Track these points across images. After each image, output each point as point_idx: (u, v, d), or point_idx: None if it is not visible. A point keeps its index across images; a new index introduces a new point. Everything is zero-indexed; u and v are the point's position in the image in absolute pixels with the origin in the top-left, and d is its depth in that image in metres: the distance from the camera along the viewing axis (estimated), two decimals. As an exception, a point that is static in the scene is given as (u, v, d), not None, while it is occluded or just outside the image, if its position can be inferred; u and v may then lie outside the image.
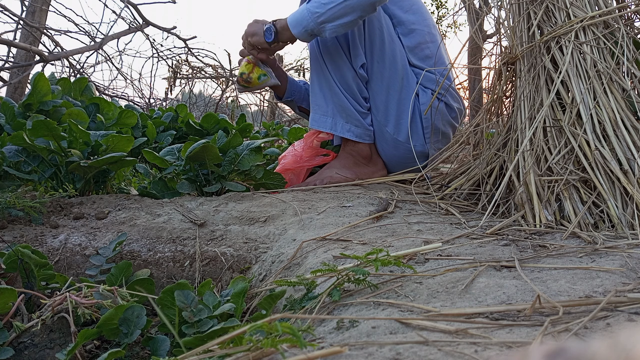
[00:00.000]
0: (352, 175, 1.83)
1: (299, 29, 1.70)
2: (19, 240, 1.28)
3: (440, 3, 11.67)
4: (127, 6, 4.83)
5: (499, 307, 0.67)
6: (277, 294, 0.85)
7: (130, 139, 1.64)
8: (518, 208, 1.27)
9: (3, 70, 4.10)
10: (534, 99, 1.40)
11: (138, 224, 1.36)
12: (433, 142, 1.86)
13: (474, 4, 1.78)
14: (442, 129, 1.87)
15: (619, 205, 1.15)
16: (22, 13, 4.30)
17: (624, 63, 1.32)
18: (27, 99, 2.01)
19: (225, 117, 2.96)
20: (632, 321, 0.61)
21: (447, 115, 1.87)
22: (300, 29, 1.70)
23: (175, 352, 0.81)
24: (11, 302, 0.89)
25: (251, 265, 1.22)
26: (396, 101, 1.83)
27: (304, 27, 1.69)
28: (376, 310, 0.72)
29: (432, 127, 1.84)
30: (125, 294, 0.93)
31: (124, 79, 5.54)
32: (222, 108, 6.82)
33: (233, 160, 1.65)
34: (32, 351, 0.87)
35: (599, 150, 1.23)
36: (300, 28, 1.70)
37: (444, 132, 1.88)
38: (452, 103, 1.88)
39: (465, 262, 0.90)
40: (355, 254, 0.86)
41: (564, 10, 1.44)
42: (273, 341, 0.56)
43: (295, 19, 1.71)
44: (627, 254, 0.90)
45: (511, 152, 1.41)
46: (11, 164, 1.60)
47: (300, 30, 1.70)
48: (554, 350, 0.28)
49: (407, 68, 1.84)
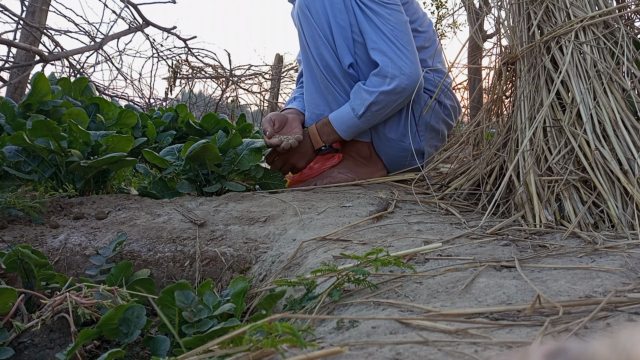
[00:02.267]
0: (352, 175, 1.83)
1: (350, 135, 1.79)
2: (19, 240, 1.28)
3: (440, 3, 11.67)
4: (127, 6, 4.83)
5: (499, 307, 0.67)
6: (277, 294, 0.85)
7: (130, 139, 1.64)
8: (518, 208, 1.26)
9: (3, 70, 4.10)
10: (534, 99, 1.40)
11: (138, 224, 1.36)
12: (428, 139, 1.87)
13: (474, 4, 1.78)
14: (436, 126, 1.88)
15: (619, 205, 1.15)
16: (22, 13, 4.30)
17: (624, 63, 1.32)
18: (27, 99, 2.01)
19: (225, 117, 2.96)
20: (632, 321, 0.61)
21: (439, 112, 1.88)
22: (351, 135, 1.79)
23: (175, 352, 0.81)
24: (11, 302, 0.89)
25: (251, 265, 1.22)
26: None
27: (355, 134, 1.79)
28: (376, 310, 0.72)
29: (426, 125, 1.85)
30: (125, 294, 0.93)
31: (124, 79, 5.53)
32: (222, 108, 6.82)
33: (233, 160, 1.65)
34: (32, 351, 0.87)
35: (599, 150, 1.23)
36: (351, 135, 1.79)
37: (438, 129, 1.89)
38: (444, 101, 1.88)
39: (465, 262, 0.90)
40: (355, 254, 0.86)
41: (564, 10, 1.44)
42: (273, 341, 0.56)
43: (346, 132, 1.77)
44: (627, 254, 0.90)
45: (511, 152, 1.41)
46: (11, 164, 1.60)
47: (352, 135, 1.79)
48: (554, 350, 0.28)
49: None
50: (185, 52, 6.09)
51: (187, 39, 5.86)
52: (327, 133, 1.77)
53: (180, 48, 6.04)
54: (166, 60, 6.09)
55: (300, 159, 1.79)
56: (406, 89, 1.68)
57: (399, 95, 1.69)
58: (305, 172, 1.85)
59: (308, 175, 1.84)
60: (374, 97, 1.69)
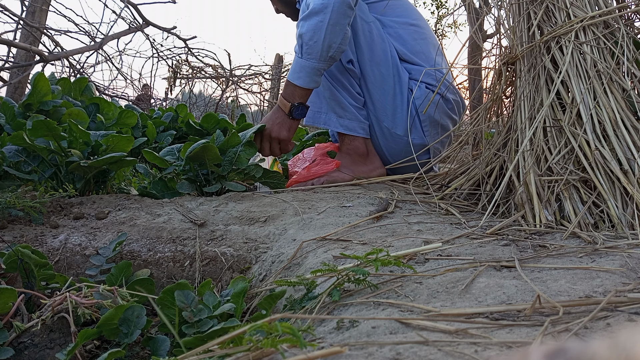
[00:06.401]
0: (350, 174, 1.84)
1: (308, 81, 1.68)
2: (19, 240, 1.28)
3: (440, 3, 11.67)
4: (127, 6, 4.83)
5: (499, 307, 0.67)
6: (277, 294, 0.85)
7: (130, 139, 1.64)
8: (518, 208, 1.26)
9: (3, 70, 4.10)
10: (534, 99, 1.40)
11: (138, 224, 1.36)
12: (432, 134, 1.87)
13: (474, 4, 1.78)
14: (439, 120, 1.87)
15: (619, 205, 1.15)
16: (22, 13, 4.30)
17: (624, 63, 1.32)
18: (27, 99, 2.01)
19: (225, 117, 2.96)
20: (632, 321, 0.61)
21: (443, 106, 1.88)
22: (308, 80, 1.68)
23: (175, 352, 0.81)
24: (11, 302, 0.89)
25: (251, 265, 1.22)
26: (391, 96, 1.85)
27: (311, 77, 1.68)
28: (376, 310, 0.72)
29: (430, 120, 1.85)
30: (125, 294, 0.93)
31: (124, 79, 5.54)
32: (222, 108, 6.82)
33: (232, 160, 1.65)
34: (32, 351, 0.87)
35: (599, 150, 1.23)
36: (308, 79, 1.68)
37: (441, 124, 1.89)
38: (447, 95, 1.88)
39: (465, 262, 0.90)
40: (355, 254, 0.86)
41: (564, 10, 1.44)
42: (273, 341, 0.56)
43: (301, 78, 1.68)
44: (627, 254, 0.90)
45: (511, 152, 1.41)
46: (11, 164, 1.60)
47: (310, 80, 1.69)
48: (554, 350, 0.28)
49: (398, 64, 1.86)
50: (185, 52, 6.10)
51: (187, 39, 5.86)
52: (290, 92, 1.71)
53: (180, 48, 6.05)
54: (166, 60, 6.09)
55: (280, 129, 1.73)
56: (326, 4, 1.61)
57: (323, 14, 1.62)
58: (303, 174, 1.85)
59: (306, 177, 1.84)
60: (299, 29, 1.66)
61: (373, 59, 1.83)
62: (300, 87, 1.69)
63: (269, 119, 1.75)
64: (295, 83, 1.69)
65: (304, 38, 1.64)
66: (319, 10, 1.62)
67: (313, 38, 1.64)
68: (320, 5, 1.62)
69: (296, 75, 1.69)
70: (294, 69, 1.69)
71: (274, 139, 1.75)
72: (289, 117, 1.73)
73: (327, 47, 1.64)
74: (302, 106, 1.72)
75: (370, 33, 1.83)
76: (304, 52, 1.66)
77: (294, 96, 1.71)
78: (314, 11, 1.63)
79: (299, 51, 1.67)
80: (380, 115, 1.85)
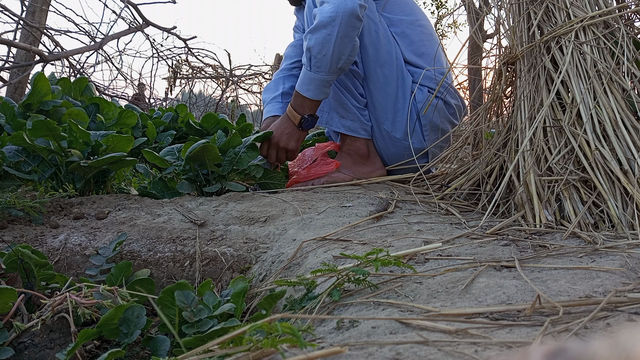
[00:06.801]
0: (351, 175, 1.83)
1: (317, 93, 1.69)
2: (19, 240, 1.28)
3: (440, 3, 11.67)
4: (127, 6, 4.83)
5: (499, 307, 0.67)
6: (277, 294, 0.85)
7: (130, 139, 1.64)
8: (518, 208, 1.26)
9: (3, 70, 4.10)
10: (534, 99, 1.40)
11: (138, 224, 1.36)
12: (432, 139, 1.87)
13: (474, 4, 1.78)
14: (440, 125, 1.87)
15: (619, 205, 1.15)
16: (22, 13, 4.30)
17: (624, 63, 1.32)
18: (27, 99, 2.01)
19: (225, 117, 2.96)
20: (632, 321, 0.61)
21: (445, 111, 1.87)
22: (318, 92, 1.69)
23: (175, 352, 0.81)
24: (11, 302, 0.89)
25: (251, 265, 1.22)
26: (393, 99, 1.84)
27: (320, 89, 1.69)
28: (376, 310, 0.72)
29: (431, 124, 1.85)
30: (125, 294, 0.93)
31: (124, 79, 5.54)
32: (222, 108, 6.82)
33: (232, 160, 1.65)
34: (32, 351, 0.87)
35: (599, 150, 1.23)
36: (317, 91, 1.69)
37: (442, 129, 1.88)
38: (449, 100, 1.88)
39: (465, 262, 0.90)
40: (355, 254, 0.86)
41: (564, 10, 1.44)
42: (273, 341, 0.56)
43: (310, 90, 1.69)
44: (627, 254, 0.90)
45: (511, 152, 1.41)
46: (11, 164, 1.60)
47: (320, 92, 1.70)
48: (554, 350, 0.28)
49: (402, 67, 1.85)
50: (185, 52, 6.10)
51: (187, 39, 5.86)
52: (299, 103, 1.72)
53: (180, 48, 6.05)
54: (166, 60, 6.09)
55: (288, 140, 1.74)
56: (334, 17, 1.61)
57: (331, 27, 1.62)
58: (303, 174, 1.85)
59: (306, 177, 1.84)
60: (307, 41, 1.66)
61: (377, 59, 1.82)
62: (309, 98, 1.71)
63: (278, 127, 1.76)
64: (305, 95, 1.70)
65: (313, 51, 1.65)
66: (327, 23, 1.62)
67: (322, 51, 1.64)
68: (328, 18, 1.62)
69: (305, 87, 1.69)
70: (303, 81, 1.70)
71: (282, 148, 1.77)
72: (298, 128, 1.75)
73: (336, 59, 1.65)
74: (312, 117, 1.74)
75: (377, 33, 1.82)
76: (313, 65, 1.66)
77: (303, 107, 1.73)
78: (321, 24, 1.62)
79: (308, 64, 1.67)
80: (381, 118, 1.85)
